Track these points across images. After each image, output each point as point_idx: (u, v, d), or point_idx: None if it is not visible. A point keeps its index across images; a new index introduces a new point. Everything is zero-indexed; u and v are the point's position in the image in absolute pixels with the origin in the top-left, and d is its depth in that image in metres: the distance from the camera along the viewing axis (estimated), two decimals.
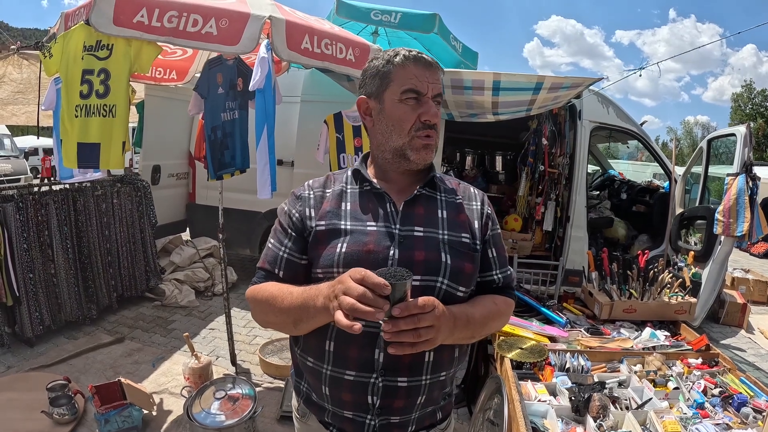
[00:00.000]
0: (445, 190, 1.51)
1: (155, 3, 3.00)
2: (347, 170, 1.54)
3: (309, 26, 3.49)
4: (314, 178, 1.54)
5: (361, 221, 1.38)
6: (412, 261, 1.31)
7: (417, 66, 1.39)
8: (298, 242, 1.42)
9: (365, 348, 1.31)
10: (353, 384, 1.34)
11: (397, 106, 1.39)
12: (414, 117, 1.38)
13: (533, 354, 2.72)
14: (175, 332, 4.89)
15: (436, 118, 1.40)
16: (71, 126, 3.12)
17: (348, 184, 1.48)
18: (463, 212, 1.48)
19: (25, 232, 4.27)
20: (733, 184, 4.81)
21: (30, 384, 3.57)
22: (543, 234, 6.05)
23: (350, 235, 1.35)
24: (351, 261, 1.29)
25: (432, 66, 1.40)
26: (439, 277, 1.33)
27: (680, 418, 2.18)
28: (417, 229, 1.38)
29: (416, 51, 1.42)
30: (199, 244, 6.39)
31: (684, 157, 25.32)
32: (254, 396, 3.21)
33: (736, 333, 5.90)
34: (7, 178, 13.06)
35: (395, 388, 1.33)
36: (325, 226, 1.38)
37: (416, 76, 1.38)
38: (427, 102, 1.39)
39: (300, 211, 1.44)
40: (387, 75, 1.40)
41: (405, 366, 1.32)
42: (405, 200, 1.42)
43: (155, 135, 6.22)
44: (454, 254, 1.37)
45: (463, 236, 1.42)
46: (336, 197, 1.45)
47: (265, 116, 3.46)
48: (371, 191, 1.44)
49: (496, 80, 4.21)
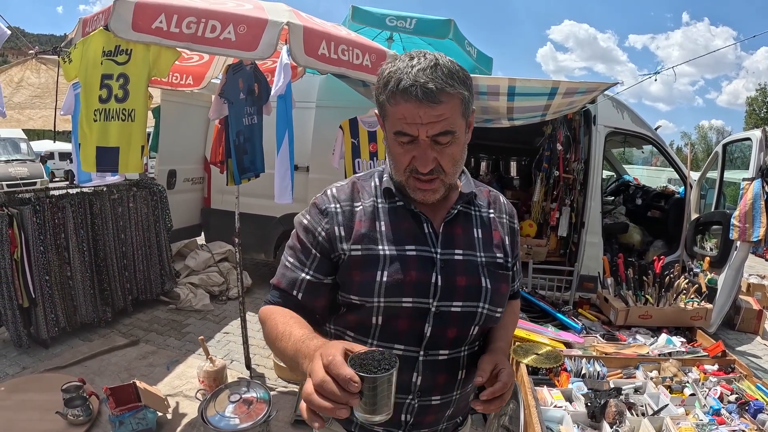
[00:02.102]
0: (478, 204, 1.42)
1: (174, 9, 3.02)
2: (373, 177, 1.39)
3: (326, 32, 3.51)
4: (337, 185, 1.39)
5: (400, 245, 1.27)
6: (454, 287, 1.27)
7: (408, 102, 1.14)
8: (324, 264, 1.29)
9: (404, 372, 1.26)
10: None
11: (392, 140, 1.24)
12: (407, 159, 1.22)
13: (549, 360, 2.71)
14: (190, 335, 4.90)
15: (428, 167, 1.19)
16: (90, 130, 3.15)
17: (378, 197, 1.34)
18: (496, 228, 1.41)
19: (41, 235, 4.32)
20: (748, 188, 4.76)
21: (45, 385, 3.60)
22: (558, 240, 6.02)
23: (390, 263, 1.25)
24: (393, 290, 1.23)
25: (430, 98, 1.13)
26: (480, 302, 1.30)
27: (696, 425, 2.17)
28: (457, 252, 1.31)
29: (415, 73, 1.14)
30: (213, 248, 6.42)
31: (699, 162, 25.07)
32: (269, 400, 3.21)
33: (752, 339, 5.84)
34: (24, 181, 13.23)
35: (428, 406, 1.34)
36: (361, 252, 1.26)
37: (405, 116, 1.16)
38: (421, 146, 1.19)
39: (327, 230, 1.29)
40: (382, 106, 1.23)
41: (440, 386, 1.33)
42: (443, 220, 1.32)
43: (171, 140, 6.26)
44: (493, 277, 1.33)
45: (497, 257, 1.37)
46: (369, 215, 1.31)
47: (287, 122, 3.48)
48: (405, 207, 1.32)
49: (511, 85, 4.21)
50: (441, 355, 1.30)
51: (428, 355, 1.28)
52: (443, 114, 1.15)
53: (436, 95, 1.12)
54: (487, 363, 1.25)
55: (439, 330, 1.27)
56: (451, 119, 1.17)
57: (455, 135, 1.19)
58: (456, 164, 1.24)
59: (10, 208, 4.16)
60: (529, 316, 3.45)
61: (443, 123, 1.15)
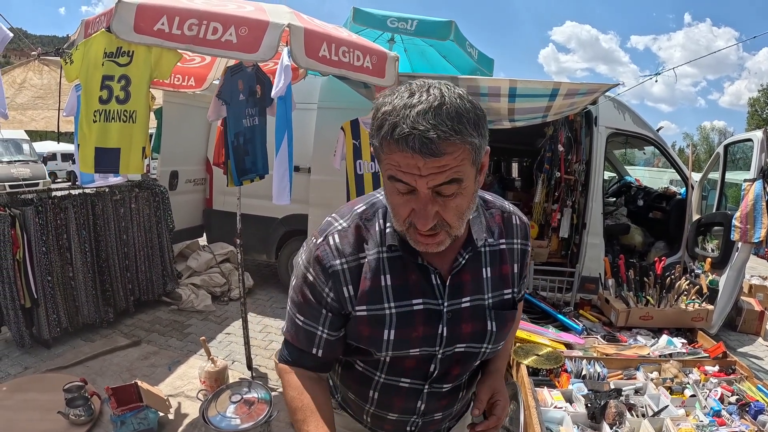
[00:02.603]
0: (489, 237, 1.29)
1: (176, 11, 3.03)
2: (377, 216, 1.24)
3: (327, 34, 3.51)
4: (339, 229, 1.22)
5: (406, 300, 1.20)
6: (459, 335, 1.27)
7: (403, 151, 0.95)
8: (335, 321, 1.24)
9: (410, 400, 1.35)
10: (395, 422, 1.42)
11: (388, 186, 1.06)
12: (406, 211, 1.05)
13: (549, 361, 2.72)
14: (192, 336, 4.92)
15: (429, 224, 1.03)
16: (89, 131, 3.15)
17: (383, 245, 1.20)
18: (505, 262, 1.32)
19: (44, 236, 4.33)
20: (750, 189, 4.75)
21: (47, 385, 3.60)
22: (559, 241, 6.02)
23: (396, 321, 1.20)
24: (400, 345, 1.23)
25: (431, 152, 0.93)
26: (484, 344, 1.31)
27: (696, 426, 2.17)
28: (464, 300, 1.25)
29: (413, 117, 0.94)
30: (215, 249, 6.44)
31: (701, 163, 25.04)
32: (270, 400, 3.21)
33: (753, 341, 5.83)
34: (26, 182, 13.25)
35: (431, 421, 1.44)
36: (367, 312, 1.20)
37: (399, 164, 0.98)
38: (421, 199, 1.01)
39: (336, 290, 1.20)
40: (377, 150, 1.05)
41: (442, 407, 1.41)
42: (451, 271, 1.22)
43: (173, 141, 6.27)
44: (499, 318, 1.30)
45: (505, 294, 1.32)
46: (374, 270, 1.19)
47: (286, 123, 3.49)
48: (411, 260, 1.20)
49: (512, 87, 4.22)
50: (444, 387, 1.36)
51: (432, 387, 1.34)
52: (447, 164, 0.96)
53: (439, 146, 0.93)
54: (484, 393, 1.35)
55: (444, 369, 1.31)
56: (457, 168, 0.98)
57: (462, 185, 1.01)
58: (463, 217, 1.08)
59: (13, 208, 4.17)
60: (530, 317, 3.46)
61: (448, 173, 0.97)
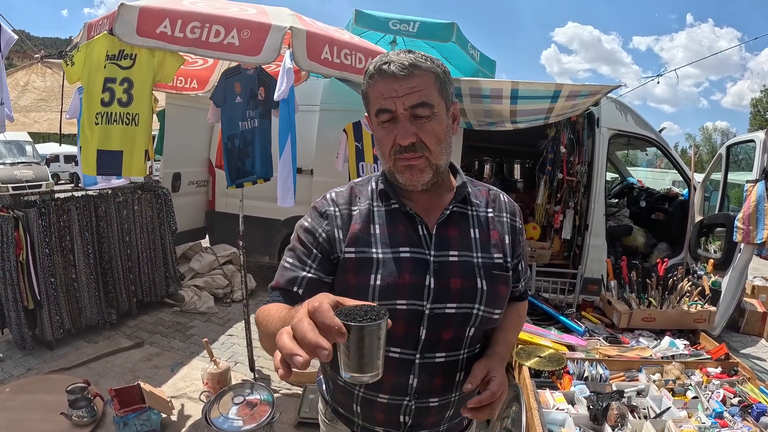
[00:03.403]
0: (476, 203, 1.39)
1: (178, 14, 3.04)
2: (371, 181, 1.40)
3: (329, 36, 3.52)
4: (336, 190, 1.40)
5: (393, 247, 1.27)
6: (448, 290, 1.26)
7: (383, 80, 1.21)
8: (324, 263, 1.29)
9: (401, 375, 1.30)
10: (386, 406, 1.34)
11: (377, 129, 1.28)
12: (391, 140, 1.24)
13: (551, 362, 2.72)
14: (194, 338, 4.92)
15: (408, 139, 1.21)
16: (91, 133, 3.16)
17: (374, 201, 1.34)
18: (495, 228, 1.38)
19: (47, 237, 4.34)
20: (752, 191, 4.74)
21: (49, 386, 3.61)
22: (561, 242, 6.02)
23: (383, 266, 1.24)
24: (387, 293, 1.23)
25: (400, 75, 1.19)
26: (475, 304, 1.28)
27: (699, 428, 2.17)
28: (452, 253, 1.29)
29: (390, 56, 1.23)
30: (218, 251, 6.44)
31: (703, 164, 25.01)
32: (272, 402, 3.23)
33: (756, 342, 5.81)
34: (29, 184, 13.29)
35: (427, 408, 1.35)
36: (354, 254, 1.27)
37: (382, 93, 1.21)
38: (401, 122, 1.22)
39: (327, 231, 1.30)
40: (366, 96, 1.29)
41: (437, 388, 1.34)
42: (437, 221, 1.31)
43: (176, 143, 6.28)
44: (489, 279, 1.31)
45: (495, 258, 1.34)
46: (364, 218, 1.31)
47: (289, 126, 3.49)
48: (400, 210, 1.31)
49: (514, 88, 4.21)
50: (437, 357, 1.30)
51: (425, 358, 1.29)
52: (417, 86, 1.19)
53: (408, 68, 1.19)
54: (479, 369, 1.25)
55: (434, 333, 1.27)
56: (426, 92, 1.21)
57: (434, 110, 1.22)
58: (440, 142, 1.25)
59: (16, 210, 4.18)
60: (532, 318, 3.45)
61: (418, 94, 1.19)
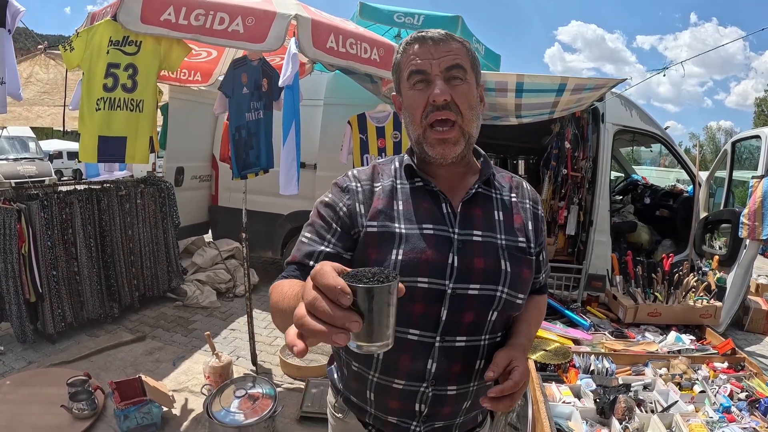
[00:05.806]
0: (499, 187, 1.38)
1: (182, 1, 3.03)
2: (393, 161, 1.39)
3: (334, 25, 3.51)
4: (358, 168, 1.39)
5: (417, 224, 1.24)
6: (471, 269, 1.22)
7: (419, 45, 1.24)
8: (345, 238, 1.26)
9: (418, 358, 1.24)
10: (402, 392, 1.29)
11: (408, 94, 1.26)
12: (423, 101, 1.22)
13: (557, 356, 2.69)
14: (196, 332, 4.91)
15: (443, 96, 1.19)
16: (91, 119, 3.14)
17: (398, 178, 1.33)
18: (518, 213, 1.36)
19: (49, 230, 4.33)
20: (758, 187, 4.71)
21: (50, 379, 3.60)
22: (566, 238, 5.99)
23: (406, 241, 1.21)
24: (408, 269, 1.18)
25: (437, 40, 1.23)
26: (499, 286, 1.24)
27: (706, 422, 2.14)
28: (476, 233, 1.26)
29: (426, 31, 1.26)
30: (221, 245, 6.43)
31: (707, 164, 24.97)
32: (274, 396, 3.20)
33: (761, 340, 5.78)
34: (32, 179, 13.31)
35: (444, 396, 1.29)
36: (377, 228, 1.24)
37: (417, 55, 1.23)
38: (435, 82, 1.21)
39: (349, 206, 1.28)
40: (398, 65, 1.29)
41: (456, 375, 1.28)
42: (462, 200, 1.29)
43: (179, 137, 6.26)
44: (513, 261, 1.28)
45: (519, 241, 1.31)
46: (387, 194, 1.29)
47: (294, 112, 3.47)
48: (424, 188, 1.30)
49: (519, 81, 4.18)
50: (458, 341, 1.25)
51: (444, 341, 1.24)
52: (453, 50, 1.23)
53: (444, 36, 1.24)
54: (502, 358, 1.20)
55: (455, 314, 1.22)
56: (461, 58, 1.24)
57: (466, 74, 1.25)
58: (472, 108, 1.25)
59: (19, 203, 4.17)
60: None
61: (453, 56, 1.22)
